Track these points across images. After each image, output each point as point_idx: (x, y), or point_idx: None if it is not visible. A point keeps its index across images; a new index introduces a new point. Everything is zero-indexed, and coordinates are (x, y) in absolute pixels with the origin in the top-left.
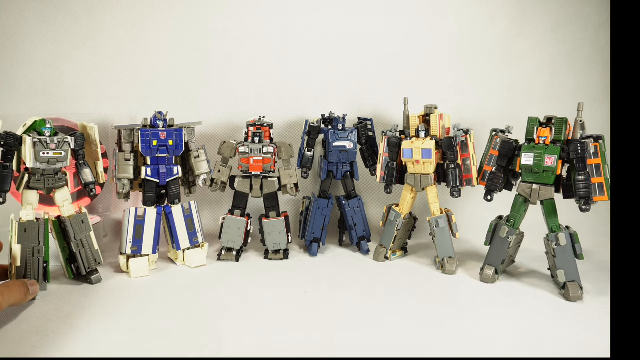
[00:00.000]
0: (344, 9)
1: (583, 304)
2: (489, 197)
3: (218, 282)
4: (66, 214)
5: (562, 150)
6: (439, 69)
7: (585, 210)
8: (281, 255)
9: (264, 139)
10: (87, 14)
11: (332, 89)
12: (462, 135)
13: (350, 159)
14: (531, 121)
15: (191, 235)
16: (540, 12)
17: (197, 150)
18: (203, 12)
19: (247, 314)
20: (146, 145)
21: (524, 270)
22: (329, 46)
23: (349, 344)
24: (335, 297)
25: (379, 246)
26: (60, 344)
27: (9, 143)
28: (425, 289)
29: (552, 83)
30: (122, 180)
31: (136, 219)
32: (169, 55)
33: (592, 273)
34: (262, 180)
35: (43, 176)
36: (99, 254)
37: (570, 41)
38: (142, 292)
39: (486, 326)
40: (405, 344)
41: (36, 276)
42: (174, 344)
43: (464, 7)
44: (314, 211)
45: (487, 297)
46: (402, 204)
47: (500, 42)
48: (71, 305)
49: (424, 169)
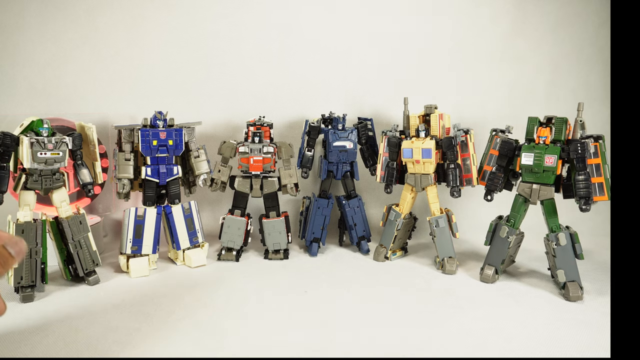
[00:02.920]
0: (344, 9)
1: (583, 304)
2: (489, 197)
3: (218, 282)
4: (64, 214)
5: (562, 150)
6: (439, 69)
7: (585, 210)
8: (281, 255)
9: (264, 139)
10: (87, 14)
11: (332, 89)
12: (462, 135)
13: (350, 159)
14: (531, 121)
15: (191, 235)
16: (541, 12)
17: (197, 150)
18: (203, 12)
19: (247, 314)
20: (146, 145)
21: (524, 270)
22: (329, 46)
23: (349, 344)
24: (335, 297)
25: (379, 246)
26: (60, 344)
27: (6, 143)
28: (425, 289)
29: (552, 83)
30: (122, 180)
31: (136, 218)
32: (168, 55)
33: (592, 273)
34: (262, 180)
35: (40, 177)
36: (97, 255)
37: (570, 41)
38: (142, 292)
39: (486, 326)
40: (405, 344)
41: (34, 278)
42: (174, 343)
43: (464, 7)
44: (314, 211)
45: (487, 297)
46: (402, 204)
47: (501, 42)
48: (71, 306)
49: (424, 169)
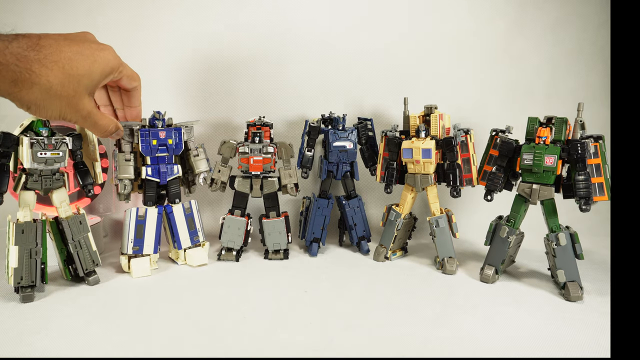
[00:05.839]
0: (344, 9)
1: (583, 304)
2: (489, 197)
3: (218, 282)
4: (64, 214)
5: (562, 150)
6: (439, 69)
7: (585, 210)
8: (281, 255)
9: (264, 139)
10: (87, 14)
11: (332, 89)
12: (462, 135)
13: (350, 159)
14: (531, 121)
15: (192, 235)
16: (540, 12)
17: (196, 149)
18: (203, 12)
19: (247, 314)
20: (146, 144)
21: (524, 270)
22: (329, 46)
23: (349, 344)
24: (335, 297)
25: (379, 246)
26: (60, 344)
27: (6, 143)
28: (425, 289)
29: (552, 83)
30: (124, 180)
31: (137, 218)
32: (168, 55)
33: (592, 273)
34: (262, 180)
35: (40, 177)
36: (97, 255)
37: (570, 41)
38: (143, 292)
39: (486, 326)
40: (405, 344)
41: (34, 278)
42: (175, 343)
43: (464, 7)
44: (314, 211)
45: (487, 297)
46: (402, 204)
47: (501, 42)
48: (71, 306)
49: (424, 169)
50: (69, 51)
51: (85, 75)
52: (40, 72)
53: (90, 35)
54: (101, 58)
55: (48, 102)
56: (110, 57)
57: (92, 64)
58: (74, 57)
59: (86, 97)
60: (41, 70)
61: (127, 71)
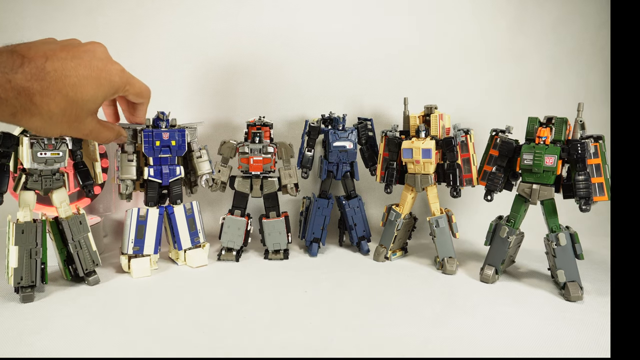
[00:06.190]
0: (345, 9)
1: (583, 304)
2: (489, 197)
3: (218, 282)
4: (64, 214)
5: (562, 150)
6: (439, 69)
7: (585, 210)
8: (281, 255)
9: (264, 139)
10: (87, 14)
11: (332, 89)
12: (462, 135)
13: (350, 159)
14: (531, 121)
15: (193, 235)
16: (541, 12)
17: (200, 151)
18: (203, 12)
19: (247, 314)
20: (149, 145)
21: (524, 270)
22: (329, 46)
23: (349, 344)
24: (335, 297)
25: (379, 246)
26: (60, 344)
27: (6, 144)
28: (425, 289)
29: (553, 83)
30: (126, 181)
31: (138, 219)
32: (169, 55)
33: (592, 273)
34: (262, 180)
35: (40, 177)
36: (97, 255)
37: (570, 41)
38: (143, 293)
39: (486, 326)
40: (405, 344)
41: (34, 278)
42: (175, 343)
43: (464, 7)
44: (314, 211)
45: (487, 297)
46: (402, 204)
47: (501, 42)
48: (71, 306)
49: (424, 169)
50: (74, 76)
51: (90, 101)
52: (41, 102)
53: (99, 50)
54: (106, 80)
55: (49, 128)
56: (116, 79)
57: (97, 89)
58: (79, 82)
59: (89, 118)
60: (43, 100)
61: (134, 89)
